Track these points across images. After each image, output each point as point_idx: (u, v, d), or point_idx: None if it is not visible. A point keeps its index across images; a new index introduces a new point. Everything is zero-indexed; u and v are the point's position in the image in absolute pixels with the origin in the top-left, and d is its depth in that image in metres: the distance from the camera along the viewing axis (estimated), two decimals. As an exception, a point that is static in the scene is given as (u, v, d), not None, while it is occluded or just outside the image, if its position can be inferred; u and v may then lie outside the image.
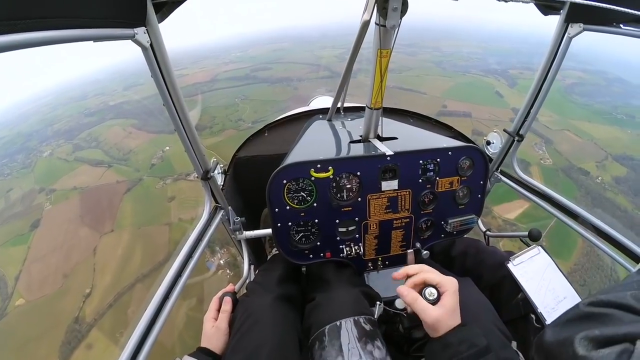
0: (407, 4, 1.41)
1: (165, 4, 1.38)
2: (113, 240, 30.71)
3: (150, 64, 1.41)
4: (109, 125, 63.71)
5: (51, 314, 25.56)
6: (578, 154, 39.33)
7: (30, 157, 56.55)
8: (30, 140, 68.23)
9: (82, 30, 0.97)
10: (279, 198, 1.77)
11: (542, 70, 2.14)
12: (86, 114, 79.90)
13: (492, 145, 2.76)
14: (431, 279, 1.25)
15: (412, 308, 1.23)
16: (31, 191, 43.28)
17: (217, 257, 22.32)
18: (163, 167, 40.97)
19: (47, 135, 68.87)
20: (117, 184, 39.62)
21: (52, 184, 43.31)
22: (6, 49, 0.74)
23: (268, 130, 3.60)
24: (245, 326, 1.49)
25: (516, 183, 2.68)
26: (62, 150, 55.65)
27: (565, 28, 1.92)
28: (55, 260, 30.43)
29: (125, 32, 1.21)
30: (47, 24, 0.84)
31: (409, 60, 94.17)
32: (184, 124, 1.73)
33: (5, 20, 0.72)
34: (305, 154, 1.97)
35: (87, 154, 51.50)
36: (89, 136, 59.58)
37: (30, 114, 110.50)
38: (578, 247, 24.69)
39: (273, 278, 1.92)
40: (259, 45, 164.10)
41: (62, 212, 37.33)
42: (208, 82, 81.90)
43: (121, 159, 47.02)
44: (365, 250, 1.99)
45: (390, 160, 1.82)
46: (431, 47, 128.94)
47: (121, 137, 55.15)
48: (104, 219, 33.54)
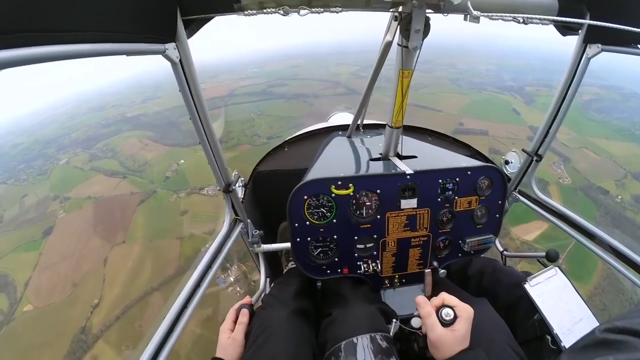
0: (429, 26, 1.46)
1: (194, 21, 1.43)
2: (124, 252, 30.54)
3: (179, 78, 1.45)
4: (126, 137, 64.18)
5: (58, 322, 25.41)
6: (597, 172, 38.26)
7: (47, 164, 56.85)
8: (48, 147, 68.84)
9: (115, 44, 1.00)
10: (299, 213, 1.80)
11: (561, 90, 2.14)
12: (104, 125, 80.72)
13: (510, 164, 2.78)
14: (450, 300, 1.30)
15: (423, 321, 1.30)
16: (46, 198, 43.40)
17: (227, 274, 22.09)
18: (177, 180, 41.13)
19: (65, 144, 69.40)
20: (131, 195, 39.65)
21: (67, 192, 43.46)
22: (41, 61, 0.76)
23: (288, 145, 3.67)
24: (260, 339, 1.50)
25: (534, 203, 2.68)
26: (78, 159, 56.01)
27: (584, 49, 1.93)
28: (66, 269, 30.23)
29: (156, 47, 1.24)
30: (82, 37, 0.87)
31: (425, 78, 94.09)
32: (209, 138, 1.78)
33: (43, 32, 0.75)
34: (326, 170, 2.02)
35: (102, 164, 51.84)
36: (106, 146, 60.00)
37: (48, 122, 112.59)
38: (598, 269, 23.74)
39: (289, 292, 1.94)
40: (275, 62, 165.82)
41: (75, 221, 37.33)
42: (225, 97, 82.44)
43: (136, 171, 47.20)
44: (383, 268, 2.00)
45: (410, 179, 1.84)
46: (446, 64, 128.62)
47: (137, 148, 55.47)
48: (116, 230, 33.43)
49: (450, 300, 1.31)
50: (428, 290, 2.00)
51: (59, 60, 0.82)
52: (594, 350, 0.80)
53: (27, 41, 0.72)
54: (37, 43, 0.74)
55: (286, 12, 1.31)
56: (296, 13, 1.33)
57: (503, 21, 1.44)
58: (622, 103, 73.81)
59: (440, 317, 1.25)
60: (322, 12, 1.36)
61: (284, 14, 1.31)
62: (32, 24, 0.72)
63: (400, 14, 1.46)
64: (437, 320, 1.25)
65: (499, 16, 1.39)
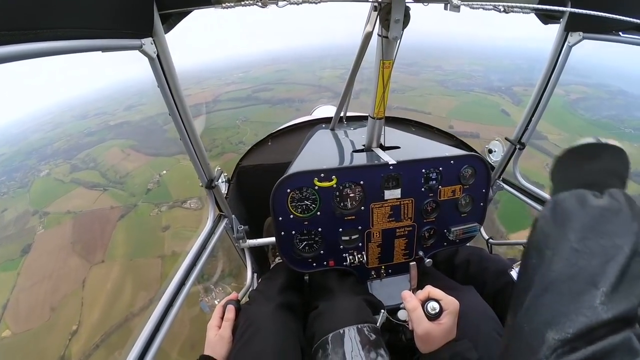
0: (409, 16, 1.45)
1: (171, 15, 1.42)
2: (103, 272, 29.26)
3: (156, 74, 1.44)
4: (108, 146, 63.31)
5: (36, 351, 24.31)
6: None
7: (28, 175, 56.09)
8: (30, 158, 68.20)
9: (90, 40, 1.01)
10: (282, 207, 1.80)
11: (542, 79, 2.16)
12: (86, 133, 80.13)
13: (494, 153, 2.80)
14: (435, 293, 1.29)
15: (409, 315, 1.29)
16: (25, 213, 42.23)
17: (211, 296, 21.04)
18: (159, 193, 40.08)
19: (47, 154, 68.47)
20: (111, 210, 38.36)
21: (47, 207, 42.37)
22: (16, 59, 0.76)
23: (271, 140, 3.65)
24: (247, 335, 1.50)
25: (518, 191, 2.70)
26: (59, 171, 55.05)
27: (565, 37, 1.94)
28: (44, 291, 29.01)
29: (132, 43, 1.24)
30: (56, 34, 0.87)
31: (412, 80, 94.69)
32: (189, 133, 1.76)
33: (16, 30, 0.74)
34: (309, 163, 2.01)
35: (83, 176, 50.74)
36: (87, 156, 59.11)
37: (31, 131, 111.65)
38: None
39: (275, 286, 1.93)
40: (261, 66, 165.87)
41: (54, 238, 36.18)
42: (210, 103, 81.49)
43: (117, 182, 46.10)
44: (369, 259, 2.01)
45: (393, 169, 1.84)
46: (433, 66, 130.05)
47: (119, 158, 54.54)
48: (95, 248, 32.12)
49: (435, 294, 1.29)
50: (414, 284, 2.00)
51: (33, 58, 0.81)
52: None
53: (0, 40, 0.71)
54: (10, 42, 0.73)
55: (264, 4, 1.28)
56: (274, 4, 1.29)
57: (484, 10, 1.43)
58: (609, 101, 76.08)
59: (426, 310, 1.25)
60: (301, 3, 1.33)
61: (262, 6, 1.28)
62: (5, 23, 0.71)
63: (379, 4, 1.44)
64: (423, 314, 1.24)
65: (479, 5, 1.39)
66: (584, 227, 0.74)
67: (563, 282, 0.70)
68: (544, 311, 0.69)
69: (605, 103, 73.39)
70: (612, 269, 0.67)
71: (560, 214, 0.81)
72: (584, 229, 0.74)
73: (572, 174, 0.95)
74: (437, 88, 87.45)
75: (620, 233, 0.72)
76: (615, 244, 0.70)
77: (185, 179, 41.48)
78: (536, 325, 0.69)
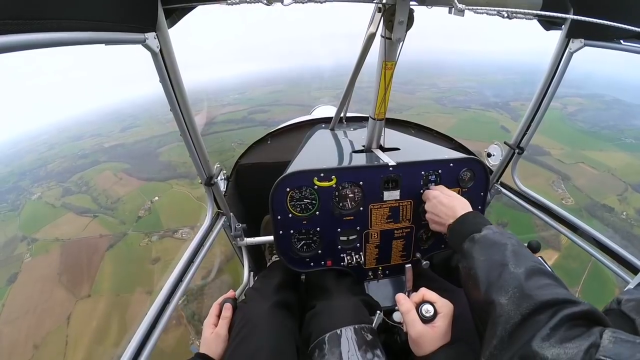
0: (413, 18, 1.46)
1: (175, 10, 1.43)
2: (89, 308, 27.93)
3: (159, 69, 1.44)
4: (101, 169, 62.61)
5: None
6: (598, 188, 38.03)
7: (20, 198, 55.44)
8: (23, 179, 67.71)
9: (94, 33, 1.01)
10: (281, 206, 1.81)
11: (543, 83, 2.17)
12: (80, 155, 79.81)
13: (492, 157, 2.81)
14: (430, 296, 1.32)
15: (403, 318, 1.32)
16: (14, 238, 41.21)
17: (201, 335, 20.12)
18: (150, 221, 39.02)
19: (40, 176, 68.05)
20: (100, 239, 37.28)
21: (35, 233, 41.32)
22: (20, 48, 0.76)
23: (271, 138, 3.64)
24: (242, 333, 1.51)
25: (516, 195, 2.72)
26: (51, 194, 54.32)
27: (567, 43, 1.96)
28: (28, 326, 27.72)
29: (136, 37, 1.24)
30: (61, 25, 0.87)
31: (408, 99, 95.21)
32: (190, 129, 1.76)
33: (20, 19, 0.74)
34: (309, 162, 2.03)
35: (74, 200, 49.88)
36: (80, 179, 58.48)
37: (26, 151, 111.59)
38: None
39: (271, 285, 1.93)
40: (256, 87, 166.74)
41: (40, 267, 35.08)
42: (204, 126, 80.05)
43: (108, 208, 45.17)
44: (366, 259, 2.03)
45: (392, 170, 1.86)
46: (428, 84, 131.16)
47: (111, 182, 53.73)
48: (81, 281, 30.89)
49: (430, 296, 1.32)
50: (409, 286, 1.96)
51: (37, 48, 0.82)
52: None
53: (3, 29, 0.71)
54: (14, 31, 0.73)
55: (270, 2, 1.28)
56: (279, 2, 1.30)
57: (487, 15, 1.44)
58: (606, 111, 77.34)
59: (421, 313, 1.27)
60: (307, 2, 1.33)
61: (268, 4, 1.29)
62: (9, 12, 0.71)
63: (384, 5, 1.46)
64: (417, 317, 1.26)
65: (483, 10, 1.39)
66: (489, 244, 1.25)
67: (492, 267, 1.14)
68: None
69: (603, 114, 74.35)
70: (509, 254, 1.14)
71: (479, 241, 1.29)
72: (489, 245, 1.25)
73: (464, 228, 1.42)
74: (434, 106, 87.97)
75: (503, 241, 1.22)
76: (504, 244, 1.21)
77: (177, 204, 41.21)
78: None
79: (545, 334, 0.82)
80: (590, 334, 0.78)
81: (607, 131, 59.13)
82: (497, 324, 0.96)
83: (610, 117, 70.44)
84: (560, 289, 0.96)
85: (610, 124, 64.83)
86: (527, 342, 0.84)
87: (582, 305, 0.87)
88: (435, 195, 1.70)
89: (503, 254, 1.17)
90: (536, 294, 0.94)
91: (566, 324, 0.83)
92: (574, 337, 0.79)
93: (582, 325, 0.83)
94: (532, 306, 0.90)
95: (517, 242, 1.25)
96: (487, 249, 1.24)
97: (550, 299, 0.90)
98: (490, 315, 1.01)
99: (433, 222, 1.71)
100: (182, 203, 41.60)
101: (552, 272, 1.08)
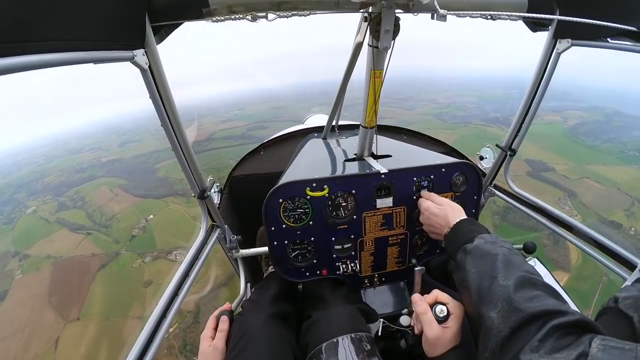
0: (399, 27, 1.47)
1: (163, 27, 1.42)
2: (77, 332, 27.13)
3: (148, 85, 1.44)
4: (97, 184, 62.46)
5: None
6: (604, 204, 37.75)
7: (15, 211, 54.69)
8: (20, 191, 67.42)
9: (81, 52, 1.00)
10: (275, 216, 1.81)
11: (532, 85, 2.18)
12: (78, 169, 79.82)
13: (485, 160, 2.80)
14: (442, 297, 1.33)
15: (419, 318, 1.31)
16: (6, 253, 40.59)
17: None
18: (144, 241, 38.42)
19: (37, 189, 67.73)
20: (92, 258, 36.56)
21: (28, 248, 40.83)
22: (6, 72, 0.75)
23: (264, 149, 3.64)
24: (240, 345, 1.51)
25: (510, 197, 2.73)
26: (46, 208, 53.91)
27: (554, 44, 1.96)
28: (15, 347, 26.98)
29: (124, 55, 1.23)
30: (48, 46, 0.86)
31: (408, 115, 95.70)
32: (181, 144, 1.76)
33: (6, 42, 0.74)
34: (301, 172, 2.02)
35: (69, 215, 49.41)
36: (77, 194, 58.16)
37: (25, 163, 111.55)
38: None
39: (268, 296, 1.93)
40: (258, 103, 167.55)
41: (31, 286, 34.42)
42: (203, 142, 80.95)
43: (102, 225, 44.70)
44: (362, 267, 2.03)
45: (384, 178, 1.86)
46: (427, 100, 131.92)
47: (107, 198, 53.41)
48: (71, 302, 30.15)
49: (443, 297, 1.33)
50: (417, 289, 1.90)
51: (24, 71, 0.80)
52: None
53: None
54: (1, 54, 0.72)
55: (254, 18, 1.32)
56: (264, 19, 1.34)
57: (471, 18, 1.47)
58: (607, 124, 77.42)
59: (434, 314, 1.27)
60: (291, 16, 1.37)
61: (252, 20, 1.33)
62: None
63: (369, 14, 1.46)
64: (433, 318, 1.26)
65: (466, 14, 1.42)
66: (480, 254, 1.25)
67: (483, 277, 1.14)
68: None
69: (604, 126, 74.57)
70: (499, 265, 1.14)
71: (471, 252, 1.29)
72: (480, 254, 1.25)
73: (458, 238, 1.43)
74: (434, 122, 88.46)
75: (494, 251, 1.21)
76: (495, 254, 1.19)
77: (172, 224, 40.76)
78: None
79: (535, 346, 0.84)
80: (579, 343, 0.79)
81: (609, 144, 59.08)
82: (488, 337, 0.98)
83: (611, 130, 70.76)
84: (550, 300, 0.96)
85: (612, 136, 64.90)
86: (517, 355, 0.86)
87: (571, 315, 0.87)
88: (426, 207, 1.69)
89: (493, 266, 1.17)
90: (525, 306, 0.94)
91: (555, 334, 0.84)
92: (563, 347, 0.80)
93: (572, 334, 0.83)
94: (520, 319, 0.92)
95: (510, 249, 1.24)
96: (479, 259, 1.24)
97: (539, 311, 0.90)
98: (482, 327, 1.04)
99: (431, 233, 1.71)
100: (177, 222, 41.08)
101: (542, 282, 1.07)
